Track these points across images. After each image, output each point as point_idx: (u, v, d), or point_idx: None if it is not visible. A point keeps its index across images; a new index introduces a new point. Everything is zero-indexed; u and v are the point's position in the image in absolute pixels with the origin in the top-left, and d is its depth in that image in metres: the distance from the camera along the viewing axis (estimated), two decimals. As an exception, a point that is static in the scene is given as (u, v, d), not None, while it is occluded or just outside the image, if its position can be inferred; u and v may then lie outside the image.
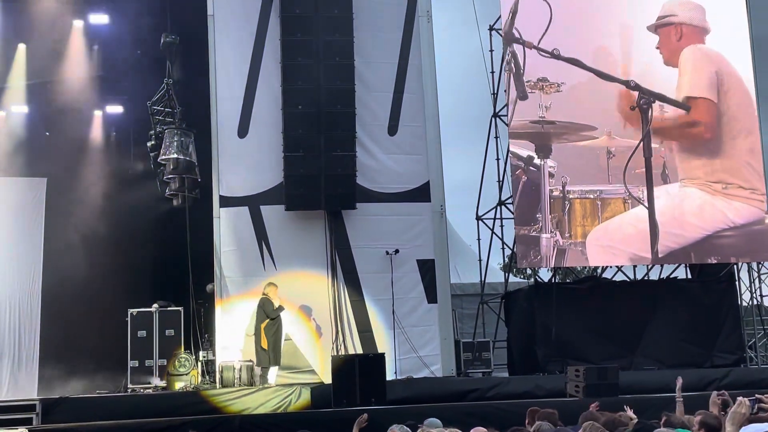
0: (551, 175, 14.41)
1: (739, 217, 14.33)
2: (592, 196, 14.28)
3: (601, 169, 14.31)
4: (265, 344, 15.15)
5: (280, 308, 15.33)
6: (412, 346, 16.04)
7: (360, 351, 15.58)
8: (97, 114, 19.30)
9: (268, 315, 15.26)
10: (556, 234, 14.27)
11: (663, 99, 14.87)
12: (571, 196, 14.40)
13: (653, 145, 14.30)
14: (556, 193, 14.51)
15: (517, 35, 14.48)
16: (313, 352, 16.02)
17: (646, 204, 14.10)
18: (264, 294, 15.43)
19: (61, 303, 18.12)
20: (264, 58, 16.57)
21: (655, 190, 14.09)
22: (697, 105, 15.28)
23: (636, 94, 14.69)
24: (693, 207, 14.37)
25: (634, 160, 14.03)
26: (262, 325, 15.24)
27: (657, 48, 15.31)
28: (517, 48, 14.37)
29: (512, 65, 14.47)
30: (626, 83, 14.96)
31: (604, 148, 14.52)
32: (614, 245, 14.33)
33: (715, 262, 14.58)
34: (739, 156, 14.64)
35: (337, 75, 16.18)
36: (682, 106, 14.95)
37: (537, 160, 14.45)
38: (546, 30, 14.35)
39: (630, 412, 8.56)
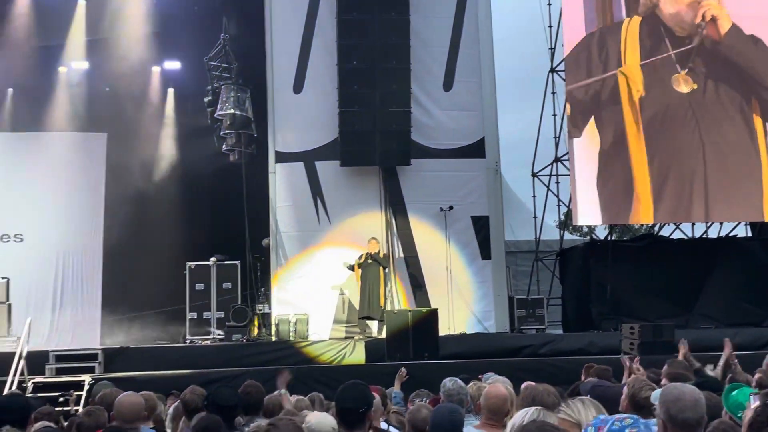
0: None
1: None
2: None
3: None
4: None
5: (350, 266, 15.51)
6: (465, 302, 16.08)
7: (414, 306, 15.67)
8: (155, 70, 19.49)
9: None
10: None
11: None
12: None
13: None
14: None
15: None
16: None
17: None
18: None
19: (121, 256, 18.52)
20: (319, 13, 16.53)
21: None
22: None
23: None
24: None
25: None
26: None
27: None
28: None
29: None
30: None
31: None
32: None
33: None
34: None
35: (393, 30, 16.07)
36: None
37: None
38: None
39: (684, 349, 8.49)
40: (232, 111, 17.06)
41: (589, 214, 17.09)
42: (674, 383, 3.76)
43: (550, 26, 18.79)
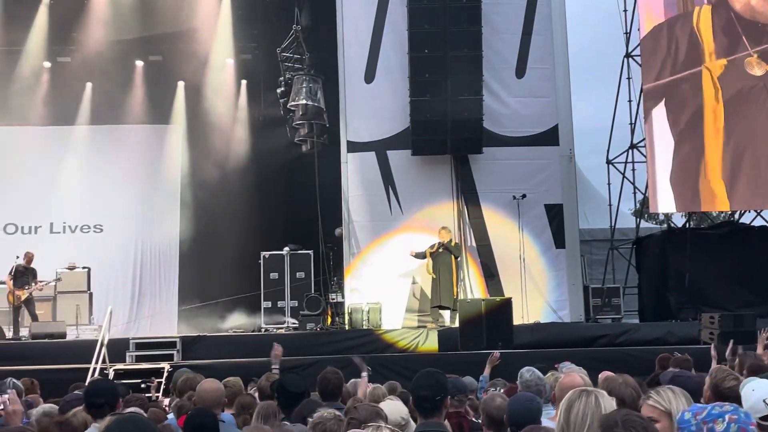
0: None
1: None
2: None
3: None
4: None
5: (419, 254, 15.49)
6: (539, 291, 15.92)
7: (487, 296, 15.58)
8: (229, 62, 19.75)
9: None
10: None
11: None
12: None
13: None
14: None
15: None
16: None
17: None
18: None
19: (197, 246, 18.88)
20: (390, 2, 16.49)
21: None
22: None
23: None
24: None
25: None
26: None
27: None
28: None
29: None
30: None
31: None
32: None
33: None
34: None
35: (464, 17, 15.93)
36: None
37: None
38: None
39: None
40: (304, 101, 17.19)
41: (666, 201, 16.74)
42: None
43: (625, 10, 18.45)
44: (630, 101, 18.30)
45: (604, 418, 3.17)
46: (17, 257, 15.53)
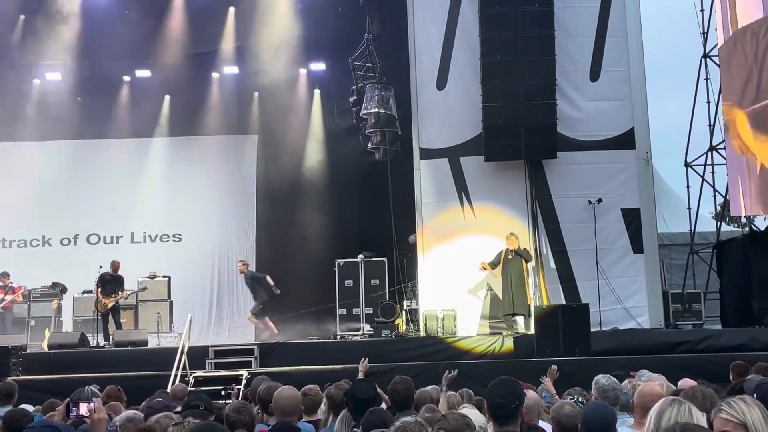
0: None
1: None
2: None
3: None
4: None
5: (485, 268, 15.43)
6: (617, 297, 15.67)
7: (563, 302, 15.40)
8: (302, 72, 19.99)
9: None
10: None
11: None
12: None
13: None
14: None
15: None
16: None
17: None
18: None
19: (273, 253, 19.12)
20: (461, 8, 16.47)
21: None
22: None
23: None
24: None
25: None
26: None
27: None
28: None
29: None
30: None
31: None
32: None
33: None
34: None
35: (536, 22, 15.82)
36: None
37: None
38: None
39: None
40: (376, 110, 17.29)
41: (748, 203, 16.29)
42: None
43: (702, 10, 18.07)
44: (708, 102, 17.93)
45: None
46: (100, 267, 15.97)
